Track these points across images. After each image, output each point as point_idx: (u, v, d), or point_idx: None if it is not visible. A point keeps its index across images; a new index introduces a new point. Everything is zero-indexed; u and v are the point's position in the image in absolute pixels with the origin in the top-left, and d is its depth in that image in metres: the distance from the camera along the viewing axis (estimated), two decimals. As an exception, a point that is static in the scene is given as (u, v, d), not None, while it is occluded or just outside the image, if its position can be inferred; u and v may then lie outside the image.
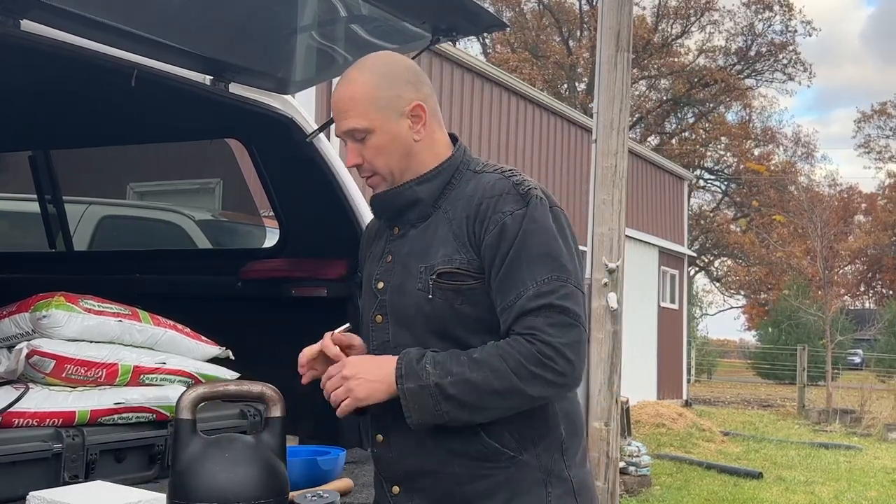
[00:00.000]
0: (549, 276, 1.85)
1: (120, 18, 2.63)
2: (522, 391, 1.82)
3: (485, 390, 1.81)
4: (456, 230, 1.93)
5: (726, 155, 39.83)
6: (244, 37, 2.99)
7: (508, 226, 1.87)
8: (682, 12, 36.88)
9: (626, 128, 6.28)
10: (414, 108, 1.97)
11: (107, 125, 3.83)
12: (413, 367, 1.85)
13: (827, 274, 22.72)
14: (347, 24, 3.06)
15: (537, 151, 15.41)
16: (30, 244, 5.11)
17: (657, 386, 19.72)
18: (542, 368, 1.81)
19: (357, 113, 1.95)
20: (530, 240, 1.87)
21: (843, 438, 15.42)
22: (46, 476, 2.34)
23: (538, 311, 1.82)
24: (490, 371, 1.81)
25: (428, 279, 1.92)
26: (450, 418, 1.84)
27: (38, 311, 2.51)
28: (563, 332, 1.82)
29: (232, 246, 5.92)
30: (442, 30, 2.99)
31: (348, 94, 1.97)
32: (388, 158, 1.97)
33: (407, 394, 1.85)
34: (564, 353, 1.81)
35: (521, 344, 1.82)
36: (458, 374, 1.82)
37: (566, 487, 1.94)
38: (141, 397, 2.61)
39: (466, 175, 2.00)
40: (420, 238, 1.98)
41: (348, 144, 1.99)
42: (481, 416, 1.86)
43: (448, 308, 1.90)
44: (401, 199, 2.01)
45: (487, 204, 1.90)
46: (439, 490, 1.92)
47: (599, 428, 6.07)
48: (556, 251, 1.88)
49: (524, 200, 1.89)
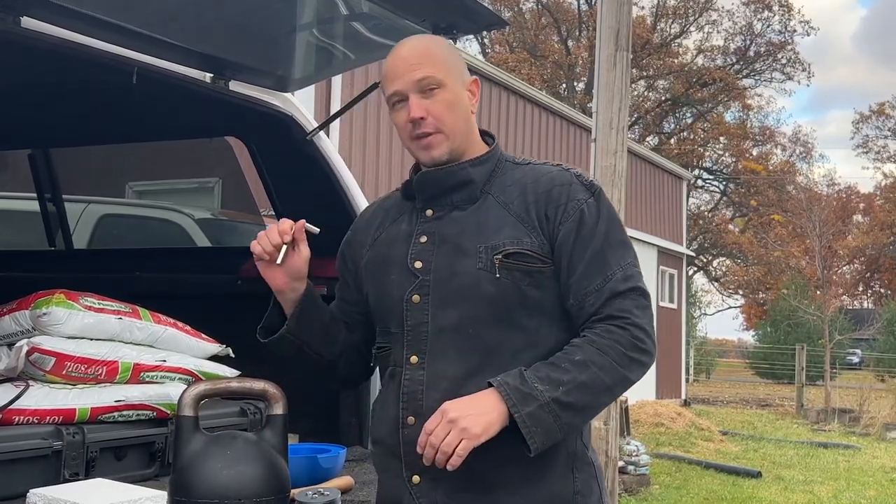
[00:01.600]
0: (631, 260, 1.95)
1: (120, 16, 2.63)
2: (627, 378, 1.88)
3: (597, 389, 1.85)
4: (520, 214, 1.94)
5: (725, 155, 39.87)
6: (244, 34, 2.99)
7: (586, 213, 1.94)
8: (680, 12, 36.91)
9: (626, 127, 6.29)
10: (472, 84, 2.03)
11: (107, 123, 3.82)
12: (522, 390, 1.80)
13: (825, 274, 22.75)
14: (347, 22, 3.06)
15: (536, 151, 15.41)
16: (29, 242, 5.11)
17: (656, 385, 19.72)
18: (638, 352, 1.88)
19: (431, 64, 1.95)
20: (610, 227, 1.95)
21: (841, 438, 15.44)
22: (46, 474, 2.34)
23: (627, 293, 1.90)
24: (597, 368, 1.84)
25: (492, 258, 1.90)
26: (569, 429, 1.86)
27: (38, 309, 2.50)
28: (646, 313, 1.92)
29: (232, 244, 5.91)
30: (442, 28, 2.98)
31: (423, 48, 2.00)
32: (456, 117, 1.97)
33: (527, 420, 1.80)
34: (651, 333, 1.91)
35: (614, 333, 1.87)
36: (569, 382, 1.82)
37: (590, 471, 1.98)
38: (141, 395, 2.61)
39: (507, 166, 2.05)
40: (471, 219, 1.96)
41: (411, 99, 1.94)
42: (592, 415, 1.93)
43: (514, 289, 1.90)
44: (452, 179, 1.99)
45: (559, 192, 1.96)
46: (467, 478, 1.87)
47: (598, 427, 6.07)
48: (627, 239, 1.99)
49: (592, 190, 1.98)
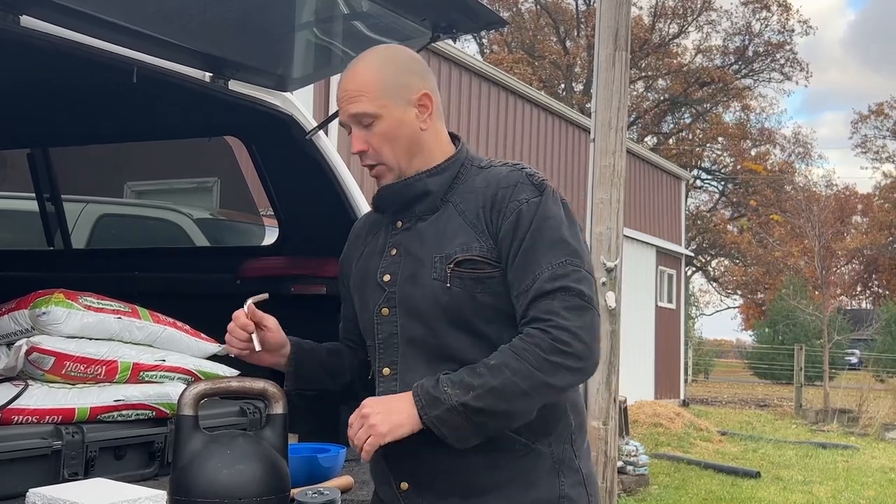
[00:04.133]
0: (564, 259, 1.86)
1: (120, 15, 2.63)
2: (548, 384, 1.81)
3: (511, 394, 1.79)
4: (472, 221, 1.93)
5: (723, 155, 39.88)
6: (244, 34, 2.99)
7: (524, 213, 1.89)
8: (679, 12, 36.91)
9: (625, 127, 6.29)
10: (422, 98, 1.97)
11: (106, 122, 3.82)
12: (431, 394, 1.82)
13: (824, 274, 22.75)
14: (347, 21, 3.06)
15: (535, 151, 15.40)
16: (28, 242, 5.10)
17: (654, 385, 19.73)
18: (562, 356, 1.79)
19: (365, 98, 1.93)
20: (545, 225, 1.89)
21: (840, 438, 15.45)
22: (46, 473, 2.33)
23: (554, 293, 1.83)
24: (511, 373, 1.79)
25: (444, 268, 1.90)
26: (485, 428, 1.82)
27: (37, 308, 2.50)
28: (578, 315, 1.82)
29: (231, 244, 5.91)
30: (442, 27, 2.98)
31: (356, 80, 1.96)
32: (395, 146, 1.96)
33: (436, 422, 1.81)
34: (581, 337, 1.81)
35: (534, 336, 1.81)
36: (480, 387, 1.79)
37: (577, 478, 1.95)
38: (140, 394, 2.60)
39: (472, 171, 2.01)
40: (431, 230, 1.97)
41: (353, 131, 1.97)
42: (515, 419, 1.85)
43: (467, 298, 1.89)
44: (411, 191, 1.99)
45: (503, 194, 1.92)
46: (452, 483, 1.91)
47: (598, 427, 6.07)
48: (569, 237, 1.90)
49: (539, 190, 1.93)
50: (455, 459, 1.89)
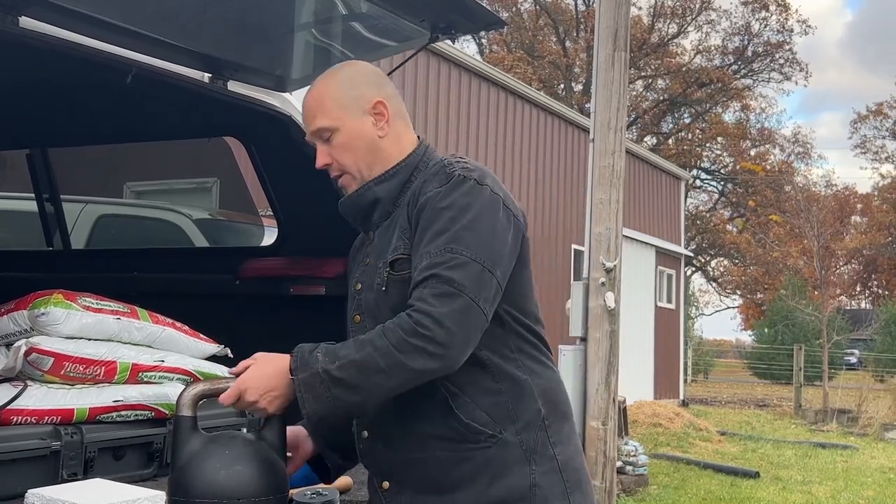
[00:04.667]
0: (443, 248, 1.85)
1: (119, 15, 2.63)
2: (405, 365, 1.80)
3: (370, 369, 1.81)
4: (405, 221, 1.97)
5: (723, 155, 39.88)
6: (243, 34, 2.99)
7: (425, 203, 1.92)
8: (678, 12, 36.92)
9: (624, 127, 6.30)
10: (375, 105, 2.04)
11: (105, 123, 3.82)
12: (305, 357, 1.86)
13: (823, 274, 22.76)
14: (346, 22, 3.06)
15: (534, 151, 15.41)
16: (27, 242, 5.10)
17: (654, 385, 19.73)
18: (421, 340, 1.79)
19: (322, 113, 2.03)
20: (438, 215, 1.89)
21: (839, 438, 15.45)
22: (45, 474, 2.34)
23: (425, 281, 1.83)
24: (373, 349, 1.82)
25: (384, 272, 1.96)
26: (341, 403, 1.85)
27: (36, 309, 2.50)
28: (444, 301, 1.80)
29: (230, 244, 5.91)
30: (441, 28, 2.99)
31: (313, 98, 2.06)
32: (355, 155, 2.03)
33: (301, 385, 1.85)
34: (443, 323, 1.79)
35: (401, 318, 1.83)
36: (344, 357, 1.83)
37: (551, 465, 1.95)
38: (139, 395, 2.61)
39: (425, 170, 2.03)
40: (383, 236, 2.03)
41: (317, 147, 2.06)
42: (372, 396, 1.87)
43: (402, 299, 1.90)
44: (363, 201, 2.06)
45: (420, 188, 1.96)
46: (426, 479, 1.94)
47: (597, 427, 6.07)
48: (461, 224, 1.87)
49: (447, 179, 1.93)
50: (424, 455, 1.93)
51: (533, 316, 2.03)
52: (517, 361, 1.97)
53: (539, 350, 2.03)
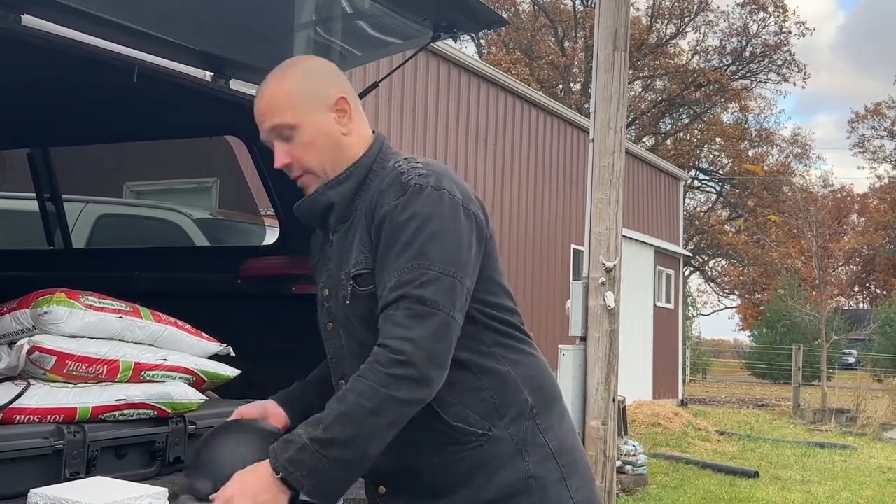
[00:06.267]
0: (409, 264, 1.78)
1: (121, 14, 2.63)
2: (393, 398, 1.73)
3: (359, 416, 1.73)
4: (363, 232, 1.89)
5: (721, 156, 39.90)
6: (245, 33, 2.99)
7: (384, 218, 1.84)
8: (676, 13, 36.93)
9: (623, 127, 6.30)
10: (339, 102, 1.95)
11: (107, 122, 3.81)
12: (285, 439, 1.77)
13: (822, 274, 22.78)
14: (348, 21, 3.06)
15: (534, 151, 15.41)
16: (28, 242, 5.09)
17: (652, 385, 19.74)
18: (402, 367, 1.73)
19: (282, 109, 1.92)
20: (399, 230, 1.81)
21: (838, 438, 15.46)
22: (47, 473, 2.33)
23: (397, 302, 1.77)
24: (356, 395, 1.74)
25: (348, 285, 1.89)
26: (342, 463, 1.74)
27: (39, 308, 2.50)
28: (419, 322, 1.75)
29: (231, 244, 5.90)
30: (443, 27, 2.99)
31: (270, 93, 1.95)
32: (319, 153, 1.94)
33: (289, 466, 1.72)
34: (420, 344, 1.74)
35: (376, 354, 1.76)
36: (327, 417, 1.74)
37: (544, 453, 1.91)
38: (142, 394, 2.60)
39: (380, 173, 1.95)
40: (341, 244, 1.96)
41: (275, 146, 1.95)
42: (371, 444, 1.76)
43: (368, 313, 1.86)
44: (317, 206, 1.98)
45: (378, 198, 1.87)
46: (422, 483, 1.91)
47: (597, 427, 6.07)
48: (424, 237, 1.80)
49: (403, 190, 1.84)
50: (417, 460, 1.89)
51: (504, 307, 1.96)
52: (496, 355, 1.92)
53: (516, 339, 1.97)
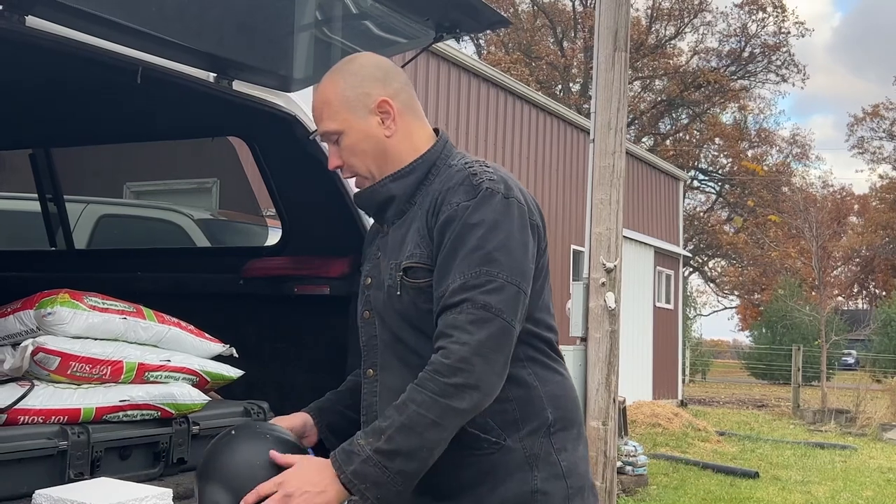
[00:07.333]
0: (478, 269, 1.81)
1: (124, 15, 2.62)
2: (453, 409, 1.77)
3: (420, 427, 1.76)
4: (422, 225, 1.93)
5: (720, 156, 39.90)
6: (248, 34, 2.99)
7: (452, 217, 1.87)
8: (675, 13, 36.93)
9: (624, 127, 6.30)
10: (380, 105, 1.99)
11: (110, 123, 3.81)
12: (346, 449, 1.80)
13: (821, 274, 22.78)
14: (350, 21, 3.06)
15: (534, 151, 15.41)
16: (30, 242, 5.09)
17: (652, 386, 19.74)
18: (461, 375, 1.76)
19: (328, 115, 2.00)
20: (468, 232, 1.84)
21: (838, 438, 15.46)
22: (51, 473, 2.33)
23: (460, 304, 1.80)
24: (416, 406, 1.76)
25: (396, 276, 1.93)
26: (407, 475, 1.78)
27: (42, 308, 2.49)
28: (481, 326, 1.78)
29: (233, 244, 5.90)
30: (445, 27, 2.98)
31: (320, 99, 2.03)
32: (363, 157, 2.00)
33: (353, 478, 1.77)
34: (480, 350, 1.77)
35: (434, 363, 1.78)
36: (388, 427, 1.77)
37: (554, 471, 1.93)
38: (146, 395, 2.60)
39: (443, 170, 2.00)
40: (396, 235, 2.00)
41: (329, 147, 2.04)
42: (433, 453, 1.80)
43: (413, 306, 1.90)
44: (377, 197, 2.03)
45: (443, 196, 1.91)
46: (427, 484, 1.90)
47: (597, 427, 6.08)
48: (494, 244, 1.84)
49: (474, 192, 1.88)
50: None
51: (545, 324, 2.00)
52: (528, 369, 1.95)
53: (550, 357, 2.01)
